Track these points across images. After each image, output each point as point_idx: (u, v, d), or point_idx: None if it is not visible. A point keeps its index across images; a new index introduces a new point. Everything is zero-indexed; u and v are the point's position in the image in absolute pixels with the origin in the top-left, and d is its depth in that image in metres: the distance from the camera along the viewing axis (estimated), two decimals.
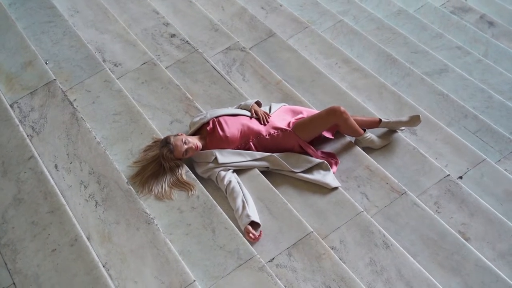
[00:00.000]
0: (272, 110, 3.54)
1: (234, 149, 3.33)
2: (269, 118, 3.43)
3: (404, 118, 3.64)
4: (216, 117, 3.38)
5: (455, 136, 3.81)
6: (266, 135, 3.37)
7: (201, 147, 3.28)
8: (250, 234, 2.96)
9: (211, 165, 3.26)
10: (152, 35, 4.42)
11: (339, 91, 4.01)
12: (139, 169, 3.26)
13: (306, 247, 2.96)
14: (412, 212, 3.23)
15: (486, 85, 4.46)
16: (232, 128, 3.33)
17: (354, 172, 3.43)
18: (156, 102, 3.78)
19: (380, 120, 3.59)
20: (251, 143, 3.36)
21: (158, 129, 3.53)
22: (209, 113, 3.44)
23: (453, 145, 3.74)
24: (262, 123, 3.40)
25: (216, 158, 3.26)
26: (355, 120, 3.47)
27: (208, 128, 3.34)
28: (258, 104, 3.57)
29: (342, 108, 3.36)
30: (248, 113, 3.46)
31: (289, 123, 3.44)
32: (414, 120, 3.60)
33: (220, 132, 3.30)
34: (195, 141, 3.26)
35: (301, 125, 3.39)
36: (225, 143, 3.31)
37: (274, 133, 3.38)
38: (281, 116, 3.49)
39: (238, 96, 3.84)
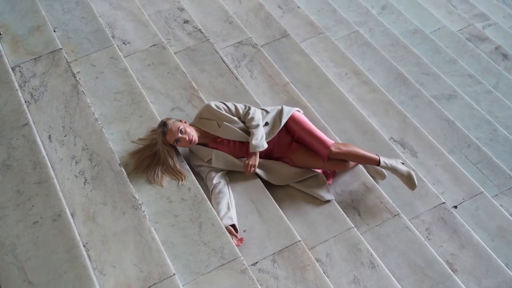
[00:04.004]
0: (271, 116, 3.31)
1: (233, 156, 3.25)
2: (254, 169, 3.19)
3: (405, 173, 3.29)
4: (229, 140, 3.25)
5: (456, 164, 3.76)
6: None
7: (196, 142, 3.15)
8: (232, 237, 2.90)
9: (204, 163, 3.20)
10: (165, 18, 4.35)
11: (346, 103, 3.96)
12: (141, 147, 3.19)
13: (292, 255, 2.90)
14: (402, 235, 3.18)
15: (493, 117, 4.42)
16: (239, 151, 3.26)
17: (349, 186, 3.38)
18: (160, 87, 3.71)
19: (379, 162, 3.29)
20: None
21: (158, 114, 3.46)
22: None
23: (452, 173, 3.70)
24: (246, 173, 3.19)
25: (210, 160, 3.18)
26: (355, 153, 3.26)
27: (218, 139, 3.23)
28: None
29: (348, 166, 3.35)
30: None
31: (291, 143, 3.33)
32: (411, 183, 3.28)
33: (227, 148, 3.22)
34: (192, 134, 3.13)
35: (299, 157, 3.30)
36: (227, 151, 3.23)
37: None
38: (283, 139, 3.33)
39: (244, 92, 3.77)
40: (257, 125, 3.20)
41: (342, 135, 3.68)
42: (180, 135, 3.09)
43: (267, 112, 3.33)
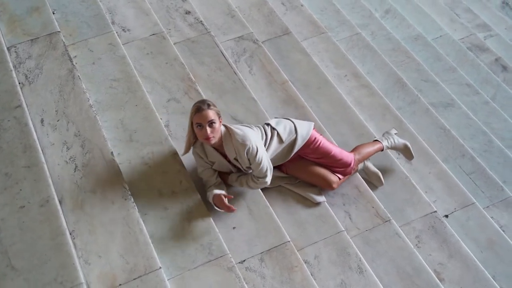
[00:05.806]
0: (283, 146, 3.12)
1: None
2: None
3: (402, 147, 3.57)
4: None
5: (449, 173, 3.74)
6: None
7: (209, 144, 2.92)
8: (226, 200, 2.89)
9: (207, 160, 3.06)
10: (167, 7, 4.30)
11: (344, 105, 3.93)
12: None
13: (280, 255, 2.88)
14: (392, 241, 3.16)
15: (489, 128, 4.40)
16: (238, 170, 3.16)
17: (342, 189, 3.35)
18: (158, 77, 3.67)
19: (383, 148, 3.51)
20: None
21: (153, 104, 3.42)
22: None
23: (445, 182, 3.68)
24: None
25: (213, 162, 3.07)
26: (367, 155, 3.43)
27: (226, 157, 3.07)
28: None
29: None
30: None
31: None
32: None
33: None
34: (214, 136, 2.83)
35: (293, 169, 3.25)
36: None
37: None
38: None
39: (242, 87, 3.74)
40: (254, 187, 3.05)
41: (338, 137, 3.65)
42: (206, 125, 2.78)
43: (281, 141, 3.09)
